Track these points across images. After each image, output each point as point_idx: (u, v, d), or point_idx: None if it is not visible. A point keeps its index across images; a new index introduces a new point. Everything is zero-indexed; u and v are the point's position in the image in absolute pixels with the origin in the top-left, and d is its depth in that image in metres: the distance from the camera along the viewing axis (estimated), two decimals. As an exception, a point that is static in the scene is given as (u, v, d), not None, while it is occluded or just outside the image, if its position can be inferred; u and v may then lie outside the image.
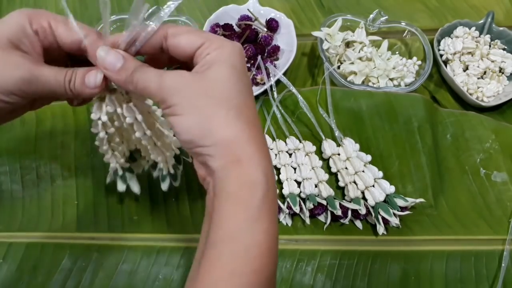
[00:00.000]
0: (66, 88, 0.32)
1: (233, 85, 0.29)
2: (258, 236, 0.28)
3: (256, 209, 0.28)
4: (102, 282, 0.47)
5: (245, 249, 0.27)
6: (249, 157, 0.29)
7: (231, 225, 0.28)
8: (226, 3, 0.65)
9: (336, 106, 0.55)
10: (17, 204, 0.52)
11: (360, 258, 0.49)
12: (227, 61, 0.30)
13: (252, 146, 0.29)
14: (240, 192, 0.28)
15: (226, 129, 0.29)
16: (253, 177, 0.28)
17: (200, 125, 0.29)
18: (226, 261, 0.27)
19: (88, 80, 0.32)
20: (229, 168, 0.29)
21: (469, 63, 0.61)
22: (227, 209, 0.28)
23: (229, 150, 0.29)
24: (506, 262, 0.48)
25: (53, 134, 0.55)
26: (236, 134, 0.29)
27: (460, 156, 0.54)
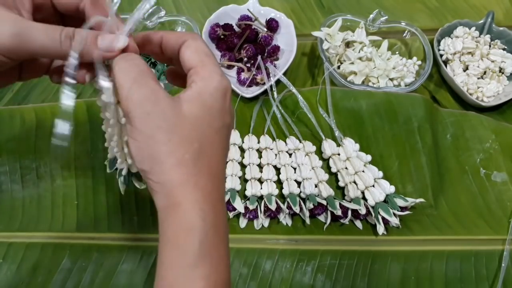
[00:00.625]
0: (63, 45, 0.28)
1: (200, 127, 0.28)
2: (198, 284, 0.27)
3: (193, 256, 0.27)
4: (102, 282, 0.47)
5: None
6: (189, 202, 0.27)
7: (170, 273, 0.27)
8: (226, 3, 0.65)
9: (336, 106, 0.55)
10: (17, 204, 0.52)
11: (360, 258, 0.49)
12: (204, 99, 0.28)
13: (197, 192, 0.28)
14: (177, 238, 0.27)
15: (175, 172, 0.27)
16: (190, 223, 0.27)
17: (153, 160, 0.27)
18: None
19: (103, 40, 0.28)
20: (169, 211, 0.28)
21: (469, 63, 0.61)
22: (166, 255, 0.28)
23: (172, 193, 0.27)
24: (506, 262, 0.48)
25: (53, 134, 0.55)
26: (183, 179, 0.27)
27: (460, 156, 0.54)
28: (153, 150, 0.27)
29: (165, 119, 0.27)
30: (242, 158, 0.54)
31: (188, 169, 0.27)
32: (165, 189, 0.28)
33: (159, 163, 0.27)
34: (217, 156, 0.29)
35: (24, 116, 0.55)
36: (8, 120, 0.55)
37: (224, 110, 0.29)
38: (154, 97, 0.27)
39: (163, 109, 0.27)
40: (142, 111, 0.27)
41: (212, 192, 0.29)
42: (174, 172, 0.27)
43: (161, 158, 0.27)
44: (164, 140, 0.27)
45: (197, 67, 0.29)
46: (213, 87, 0.29)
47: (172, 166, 0.27)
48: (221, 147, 0.30)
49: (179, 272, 0.27)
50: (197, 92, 0.28)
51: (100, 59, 0.29)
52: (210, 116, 0.29)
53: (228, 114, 0.30)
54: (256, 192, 0.51)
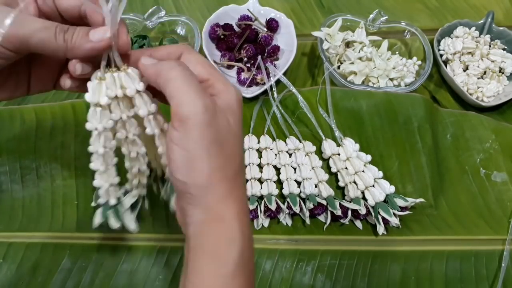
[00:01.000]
0: (58, 38, 0.28)
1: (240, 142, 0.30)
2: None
3: (232, 266, 0.27)
4: (102, 282, 0.47)
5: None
6: (232, 216, 0.28)
7: (207, 282, 0.27)
8: (226, 3, 0.65)
9: (336, 106, 0.55)
10: (17, 204, 0.52)
11: (360, 258, 0.49)
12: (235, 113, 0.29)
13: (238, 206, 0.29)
14: (217, 249, 0.28)
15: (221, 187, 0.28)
16: (232, 235, 0.28)
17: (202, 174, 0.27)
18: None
19: (93, 33, 0.29)
20: (209, 224, 0.28)
21: (469, 63, 0.61)
22: (203, 265, 0.28)
23: (214, 207, 0.28)
24: (506, 262, 0.48)
25: (53, 134, 0.55)
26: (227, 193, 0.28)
27: (460, 156, 0.54)
28: (202, 163, 0.27)
29: (220, 133, 0.28)
30: (242, 158, 0.54)
31: (231, 184, 0.28)
32: (206, 204, 0.28)
33: (204, 176, 0.27)
34: (244, 167, 0.32)
35: (24, 116, 0.55)
36: (8, 120, 0.55)
37: (242, 116, 0.31)
38: (213, 109, 0.27)
39: (219, 123, 0.28)
40: (204, 121, 0.27)
41: (246, 203, 0.30)
42: (219, 187, 0.28)
43: (208, 172, 0.27)
44: (216, 155, 0.27)
45: (209, 80, 0.29)
46: (235, 100, 0.30)
47: (218, 181, 0.28)
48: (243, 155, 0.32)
49: (216, 282, 0.27)
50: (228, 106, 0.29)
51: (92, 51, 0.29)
52: (240, 127, 0.30)
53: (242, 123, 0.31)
54: (256, 192, 0.51)
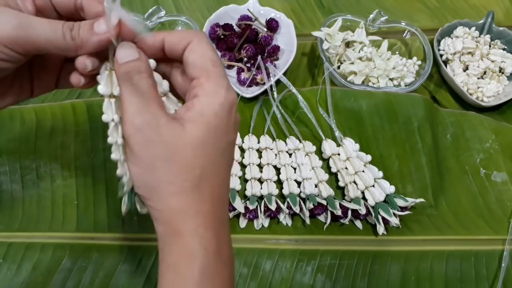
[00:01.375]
0: (66, 36, 0.28)
1: (203, 152, 0.27)
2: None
3: (194, 283, 0.27)
4: (102, 282, 0.47)
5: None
6: (190, 231, 0.27)
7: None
8: (226, 3, 0.65)
9: (336, 106, 0.55)
10: (17, 204, 0.52)
11: (360, 258, 0.49)
12: (208, 119, 0.27)
13: (197, 219, 0.27)
14: (178, 265, 0.27)
15: (174, 201, 0.27)
16: (191, 251, 0.27)
17: (151, 188, 0.27)
18: None
19: (98, 25, 0.28)
20: (169, 238, 0.27)
21: (469, 63, 0.61)
22: (166, 281, 0.28)
23: (172, 221, 0.27)
24: (506, 262, 0.48)
25: (53, 134, 0.55)
26: (183, 207, 0.27)
27: (460, 156, 0.54)
28: (151, 178, 0.27)
29: (165, 146, 0.26)
30: (242, 158, 0.54)
31: (188, 197, 0.27)
32: (165, 217, 0.27)
33: (158, 191, 0.27)
34: (221, 177, 0.28)
35: (24, 116, 0.56)
36: (8, 120, 0.55)
37: (229, 128, 0.28)
38: (156, 123, 0.26)
39: (163, 137, 0.26)
40: (142, 138, 0.26)
41: (215, 217, 0.28)
42: (173, 201, 0.27)
43: (160, 186, 0.27)
44: (163, 169, 0.26)
45: (201, 78, 0.27)
46: (218, 105, 0.27)
47: (171, 195, 0.27)
48: (225, 166, 0.29)
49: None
50: (201, 112, 0.27)
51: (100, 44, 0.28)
52: (214, 138, 0.27)
53: (233, 130, 0.28)
54: (256, 192, 0.51)
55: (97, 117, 0.55)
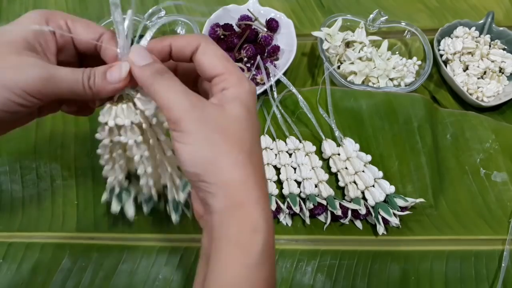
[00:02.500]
0: (85, 86, 0.31)
1: (247, 128, 0.29)
2: (259, 285, 0.27)
3: (257, 256, 0.27)
4: (102, 282, 0.47)
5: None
6: (253, 202, 0.28)
7: (231, 272, 0.27)
8: (226, 3, 0.65)
9: (336, 106, 0.55)
10: (17, 204, 0.52)
11: (360, 258, 0.49)
12: (243, 102, 0.29)
13: (257, 191, 0.28)
14: (241, 238, 0.27)
15: (234, 171, 0.28)
16: (256, 223, 0.27)
17: (209, 161, 0.27)
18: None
19: (111, 74, 0.31)
20: (231, 212, 0.27)
21: (469, 63, 0.61)
22: (227, 254, 0.27)
23: (233, 193, 0.27)
24: (506, 262, 0.48)
25: (53, 134, 0.55)
26: (243, 178, 0.28)
27: (460, 156, 0.54)
28: (208, 151, 0.27)
29: (216, 122, 0.28)
30: (242, 158, 0.54)
31: (246, 168, 0.28)
32: (224, 190, 0.27)
33: (215, 163, 0.27)
34: (260, 154, 0.30)
35: (24, 116, 0.55)
36: (8, 120, 0.55)
37: (255, 109, 0.31)
38: (201, 103, 0.28)
39: (212, 114, 0.28)
40: (195, 116, 0.28)
41: (265, 188, 0.29)
42: (233, 171, 0.28)
43: (218, 158, 0.27)
44: (219, 141, 0.28)
45: (224, 74, 0.30)
46: (246, 91, 0.30)
47: (231, 165, 0.27)
48: (259, 144, 0.31)
49: (241, 271, 0.27)
50: (235, 97, 0.29)
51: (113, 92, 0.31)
52: (252, 117, 0.29)
53: (256, 114, 0.31)
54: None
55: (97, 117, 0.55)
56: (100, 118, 0.33)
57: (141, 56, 0.30)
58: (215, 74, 0.30)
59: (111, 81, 0.31)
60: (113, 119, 0.33)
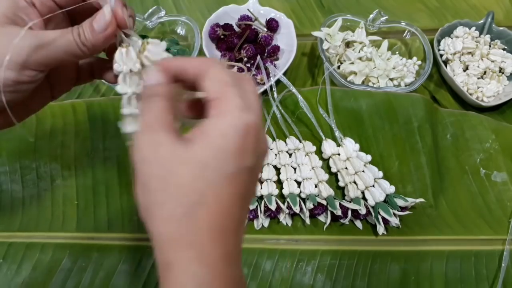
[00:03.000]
0: (78, 44, 0.29)
1: (203, 176, 0.24)
2: None
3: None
4: (102, 282, 0.47)
5: None
6: (180, 265, 0.24)
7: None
8: (226, 3, 0.65)
9: (336, 106, 0.55)
10: (17, 204, 0.52)
11: (360, 258, 0.49)
12: (213, 141, 0.24)
13: (189, 252, 0.24)
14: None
15: (165, 226, 0.24)
16: (183, 286, 0.24)
17: (147, 210, 0.25)
18: None
19: (97, 24, 0.29)
20: (162, 270, 0.25)
21: (469, 63, 0.61)
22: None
23: (164, 250, 0.25)
24: (506, 262, 0.48)
25: (53, 134, 0.55)
26: (174, 236, 0.24)
27: (460, 156, 0.54)
28: (146, 199, 0.25)
29: (161, 165, 0.24)
30: (242, 158, 0.54)
31: (180, 225, 0.24)
32: (158, 245, 0.25)
33: (151, 213, 0.25)
34: (226, 206, 0.25)
35: (24, 116, 0.55)
36: (8, 120, 0.55)
37: (242, 151, 0.24)
38: (155, 142, 0.25)
39: (159, 155, 0.24)
40: (140, 157, 0.25)
41: (214, 252, 0.24)
42: (164, 227, 0.24)
43: (153, 209, 0.25)
44: (157, 189, 0.24)
45: (216, 100, 0.25)
46: (227, 125, 0.24)
47: (163, 220, 0.24)
48: (233, 194, 0.25)
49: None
50: (205, 132, 0.25)
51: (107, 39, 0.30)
52: (219, 161, 0.24)
53: (250, 155, 0.25)
54: (256, 192, 0.51)
55: (97, 116, 0.55)
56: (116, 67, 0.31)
57: (150, 77, 0.27)
58: (210, 99, 0.26)
59: (99, 30, 0.29)
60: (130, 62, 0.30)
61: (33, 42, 0.28)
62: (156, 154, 0.25)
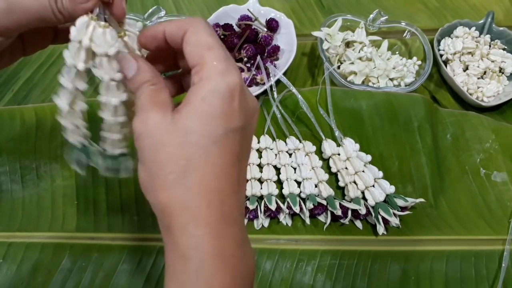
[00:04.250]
0: (54, 10, 0.27)
1: (190, 142, 0.25)
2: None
3: (189, 285, 0.25)
4: (102, 282, 0.47)
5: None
6: (179, 227, 0.25)
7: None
8: (226, 3, 0.65)
9: (336, 106, 0.55)
10: (17, 204, 0.52)
11: (360, 258, 0.49)
12: (195, 107, 0.25)
13: (186, 215, 0.25)
14: (174, 265, 0.26)
15: (160, 193, 0.25)
16: (183, 250, 0.25)
17: (145, 182, 0.26)
18: None
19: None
20: (165, 236, 0.26)
21: (469, 63, 0.61)
22: (166, 280, 0.26)
23: (162, 216, 0.26)
24: (506, 262, 0.48)
25: (53, 134, 0.55)
26: (169, 201, 0.25)
27: (460, 156, 0.54)
28: (144, 171, 0.26)
29: (152, 137, 0.26)
30: (242, 158, 0.54)
31: (173, 191, 0.25)
32: (158, 213, 0.26)
33: (150, 184, 0.26)
34: (220, 169, 0.25)
35: (24, 116, 0.56)
36: (8, 120, 0.55)
37: (228, 114, 0.25)
38: (146, 118, 0.26)
39: (150, 128, 0.26)
40: (136, 134, 0.26)
41: (209, 212, 0.25)
42: (160, 195, 0.26)
43: (150, 179, 0.26)
44: (150, 161, 0.26)
45: (197, 66, 0.26)
46: (209, 90, 0.25)
47: (157, 187, 0.26)
48: (223, 156, 0.26)
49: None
50: (187, 99, 0.26)
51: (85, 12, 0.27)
52: (204, 126, 0.25)
53: (237, 116, 0.26)
54: (256, 192, 0.51)
55: (97, 116, 0.55)
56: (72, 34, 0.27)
57: (128, 68, 0.28)
58: (192, 65, 0.26)
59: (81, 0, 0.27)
60: (89, 39, 0.27)
61: (2, 6, 0.26)
62: (146, 127, 0.26)
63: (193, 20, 0.27)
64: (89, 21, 0.27)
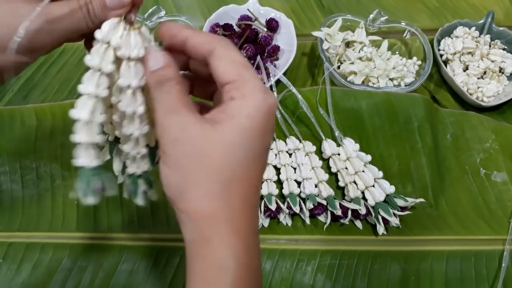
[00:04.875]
0: (88, 22, 0.28)
1: (234, 155, 0.25)
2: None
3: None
4: (102, 282, 0.47)
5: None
6: (219, 239, 0.25)
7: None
8: (226, 3, 0.65)
9: (336, 106, 0.55)
10: (17, 204, 0.52)
11: (360, 258, 0.49)
12: (242, 122, 0.25)
13: (227, 226, 0.25)
14: (207, 275, 0.26)
15: (202, 204, 0.25)
16: (221, 261, 0.25)
17: (179, 188, 0.26)
18: None
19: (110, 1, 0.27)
20: (198, 246, 0.26)
21: (469, 63, 0.61)
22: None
23: (201, 226, 0.26)
24: (506, 262, 0.48)
25: (53, 134, 0.55)
26: (212, 211, 0.25)
27: (460, 156, 0.54)
28: (180, 178, 0.26)
29: (193, 145, 0.25)
30: (242, 158, 0.54)
31: (217, 201, 0.25)
32: (193, 222, 0.26)
33: (185, 192, 0.26)
34: (253, 182, 0.27)
35: (24, 116, 0.56)
36: (8, 120, 0.55)
37: (266, 132, 0.26)
38: (183, 122, 0.26)
39: (191, 135, 0.25)
40: (170, 137, 0.26)
41: (245, 224, 0.26)
42: (201, 204, 0.25)
43: (188, 187, 0.26)
44: (191, 168, 0.25)
45: (236, 82, 0.26)
46: (253, 107, 0.26)
47: (199, 197, 0.25)
48: (258, 172, 0.27)
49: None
50: (233, 114, 0.26)
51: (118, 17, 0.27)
52: (247, 141, 0.26)
53: (270, 135, 0.27)
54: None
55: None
56: (100, 35, 0.27)
57: (155, 60, 0.27)
58: (227, 81, 0.26)
59: (112, 6, 0.27)
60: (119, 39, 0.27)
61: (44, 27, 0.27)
62: (187, 134, 0.25)
63: (221, 38, 0.28)
64: (118, 23, 0.27)
